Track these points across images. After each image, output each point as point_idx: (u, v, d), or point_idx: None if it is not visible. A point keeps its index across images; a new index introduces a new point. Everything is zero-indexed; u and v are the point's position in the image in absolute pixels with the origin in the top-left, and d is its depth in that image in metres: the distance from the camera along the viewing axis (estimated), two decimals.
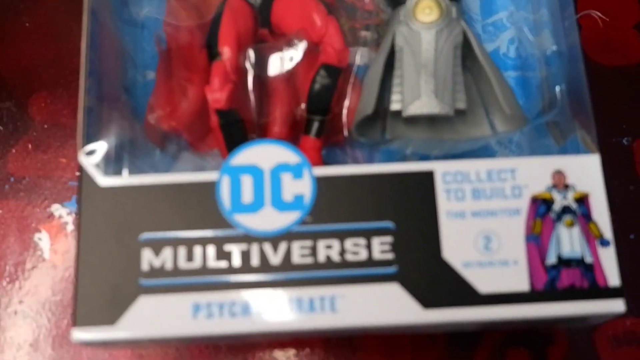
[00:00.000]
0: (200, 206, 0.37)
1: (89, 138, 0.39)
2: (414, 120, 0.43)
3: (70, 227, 0.48)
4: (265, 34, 0.45)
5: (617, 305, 0.36)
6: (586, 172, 0.38)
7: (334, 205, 0.37)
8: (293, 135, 0.44)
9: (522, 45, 0.47)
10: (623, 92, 0.51)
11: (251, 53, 0.43)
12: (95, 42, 0.40)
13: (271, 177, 0.38)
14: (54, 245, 0.47)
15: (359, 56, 0.44)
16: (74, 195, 0.48)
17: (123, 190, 0.37)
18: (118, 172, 0.40)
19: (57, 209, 0.48)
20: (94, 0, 0.41)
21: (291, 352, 0.46)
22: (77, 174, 0.38)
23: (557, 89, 0.41)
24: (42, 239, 0.48)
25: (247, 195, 0.37)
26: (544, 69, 0.43)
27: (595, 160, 0.38)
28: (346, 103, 0.44)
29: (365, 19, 0.45)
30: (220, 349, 0.45)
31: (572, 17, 0.41)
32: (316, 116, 0.43)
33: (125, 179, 0.38)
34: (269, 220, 0.37)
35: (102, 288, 0.36)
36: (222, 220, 0.37)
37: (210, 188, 0.38)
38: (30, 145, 0.50)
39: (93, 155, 0.38)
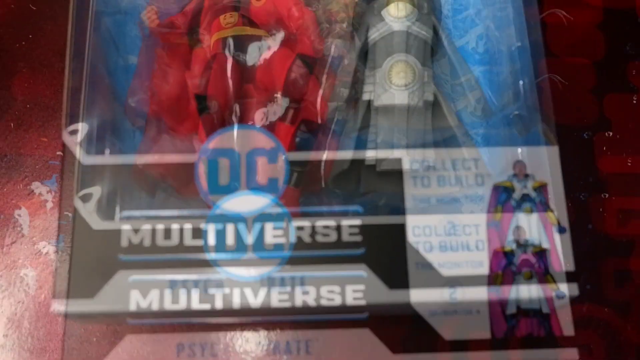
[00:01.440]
0: None
1: (72, 118, 0.40)
2: None
3: (50, 205, 0.49)
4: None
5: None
6: (546, 163, 0.40)
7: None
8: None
9: (490, 41, 0.49)
10: (584, 88, 0.52)
11: (231, 42, 0.44)
12: (80, 26, 0.42)
13: None
14: (33, 222, 0.48)
15: (334, 47, 0.46)
16: (54, 174, 0.49)
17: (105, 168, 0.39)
18: (100, 151, 0.41)
19: (37, 187, 0.49)
20: None
21: None
22: (59, 153, 0.39)
23: (521, 83, 0.43)
24: (22, 215, 0.48)
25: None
26: (510, 64, 0.45)
27: (554, 152, 0.40)
28: (320, 92, 0.46)
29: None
30: (193, 326, 0.47)
31: (537, 15, 0.43)
32: (291, 103, 0.45)
33: (107, 158, 0.39)
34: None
35: (86, 263, 0.37)
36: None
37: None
38: (12, 124, 0.50)
39: (76, 135, 0.40)
